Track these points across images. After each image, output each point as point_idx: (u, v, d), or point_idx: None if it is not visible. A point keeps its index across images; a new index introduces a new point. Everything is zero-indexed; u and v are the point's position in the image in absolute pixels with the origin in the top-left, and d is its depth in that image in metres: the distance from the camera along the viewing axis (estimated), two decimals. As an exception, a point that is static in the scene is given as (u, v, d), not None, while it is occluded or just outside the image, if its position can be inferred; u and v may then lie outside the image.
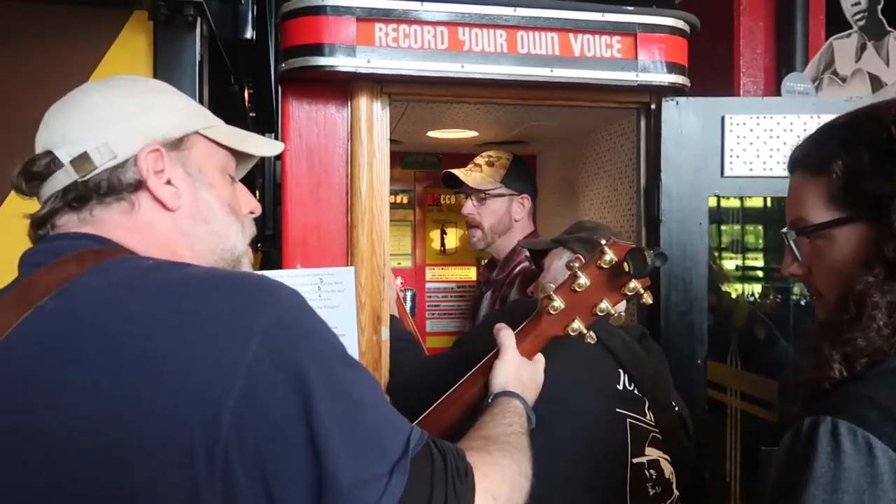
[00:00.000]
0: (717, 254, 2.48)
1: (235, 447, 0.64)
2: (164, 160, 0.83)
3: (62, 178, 0.81)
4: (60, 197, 0.82)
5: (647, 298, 1.15)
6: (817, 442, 0.76)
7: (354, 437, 0.69)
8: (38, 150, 0.83)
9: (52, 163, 0.81)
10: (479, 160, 2.36)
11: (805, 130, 1.75)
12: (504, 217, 2.28)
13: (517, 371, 1.14)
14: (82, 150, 0.80)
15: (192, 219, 0.86)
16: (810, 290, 1.00)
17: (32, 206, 0.86)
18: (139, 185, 0.82)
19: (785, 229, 0.98)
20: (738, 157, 1.75)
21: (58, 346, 0.69)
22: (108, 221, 0.82)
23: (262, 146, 0.97)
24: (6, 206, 1.56)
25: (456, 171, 2.32)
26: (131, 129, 0.83)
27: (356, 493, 0.67)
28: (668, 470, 1.43)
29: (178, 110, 0.88)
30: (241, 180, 1.01)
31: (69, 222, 0.82)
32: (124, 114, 0.83)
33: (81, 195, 0.81)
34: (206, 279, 0.75)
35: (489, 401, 1.10)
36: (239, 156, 0.96)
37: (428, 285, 2.89)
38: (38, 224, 0.83)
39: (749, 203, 2.35)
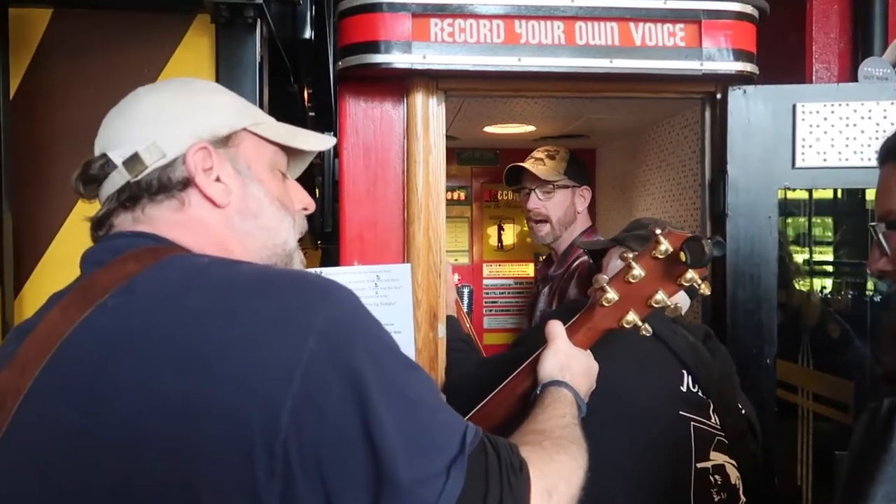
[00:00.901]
0: (787, 248, 2.37)
1: (294, 446, 0.64)
2: (213, 158, 0.85)
3: (117, 179, 0.83)
4: (115, 198, 0.84)
5: (706, 289, 1.12)
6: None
7: (411, 435, 0.69)
8: (96, 153, 0.86)
9: (107, 164, 0.84)
10: (538, 154, 2.31)
11: (885, 118, 1.65)
12: (569, 209, 2.27)
13: (566, 360, 1.13)
14: (133, 151, 0.82)
15: (241, 215, 0.86)
16: None
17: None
18: (188, 183, 0.84)
19: (874, 223, 0.94)
20: (810, 147, 1.67)
21: (118, 344, 0.71)
22: (161, 219, 0.84)
23: (312, 141, 0.97)
24: (78, 208, 1.63)
25: (524, 164, 2.27)
26: (179, 129, 0.84)
27: (416, 490, 0.67)
28: (734, 475, 1.37)
29: (227, 109, 0.89)
30: (299, 180, 1.02)
31: (124, 222, 0.84)
32: (172, 114, 0.85)
33: (134, 195, 0.83)
34: (261, 277, 0.75)
35: (538, 392, 1.09)
36: (292, 153, 0.96)
37: (485, 282, 2.88)
38: (97, 225, 0.86)
39: (822, 195, 2.24)
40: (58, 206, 1.64)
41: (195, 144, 0.84)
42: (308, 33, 2.02)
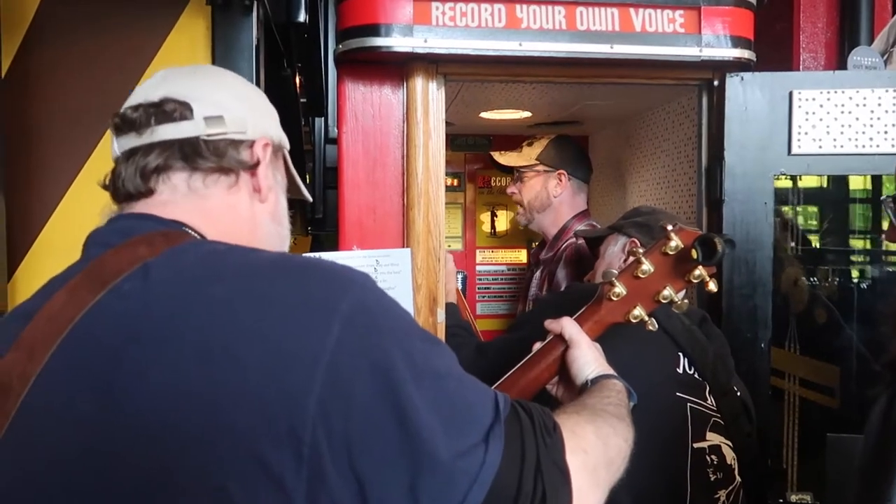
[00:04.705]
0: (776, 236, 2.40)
1: (323, 432, 0.63)
2: (269, 157, 0.89)
3: (185, 129, 0.82)
4: (178, 150, 0.82)
5: (712, 286, 1.12)
6: None
7: (446, 410, 0.68)
8: (156, 98, 0.83)
9: (188, 111, 0.83)
10: (523, 143, 2.38)
11: (879, 105, 1.68)
12: (541, 193, 2.30)
13: (599, 356, 1.13)
14: (220, 113, 0.84)
15: (271, 216, 0.91)
16: None
17: (98, 194, 0.86)
18: (246, 167, 0.86)
19: (889, 195, 0.97)
20: (806, 133, 1.69)
21: (137, 331, 0.68)
22: (209, 197, 0.84)
23: (303, 188, 1.04)
24: (71, 192, 1.61)
25: (494, 153, 2.40)
26: (260, 119, 0.90)
27: (458, 464, 0.67)
28: (729, 456, 1.40)
29: (279, 127, 0.96)
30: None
31: (179, 184, 0.83)
32: (257, 103, 0.92)
33: (198, 151, 0.82)
34: (282, 263, 0.74)
35: (588, 387, 1.07)
36: None
37: (479, 268, 2.89)
38: (148, 174, 0.82)
39: (813, 183, 2.27)
40: (51, 190, 1.62)
41: (264, 138, 0.88)
42: (303, 16, 2.00)
